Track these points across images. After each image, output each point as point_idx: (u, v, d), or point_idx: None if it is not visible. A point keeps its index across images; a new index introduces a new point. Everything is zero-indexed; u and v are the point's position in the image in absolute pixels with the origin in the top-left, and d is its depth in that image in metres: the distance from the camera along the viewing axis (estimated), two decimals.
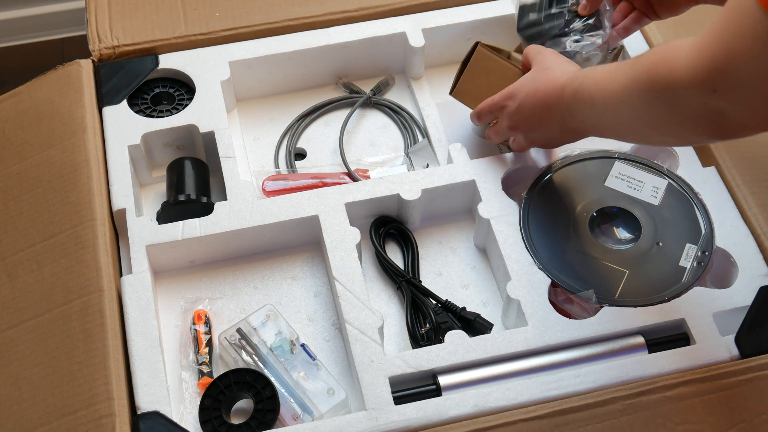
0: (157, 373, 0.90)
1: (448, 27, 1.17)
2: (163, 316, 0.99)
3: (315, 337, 0.98)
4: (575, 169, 1.03)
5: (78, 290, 0.93)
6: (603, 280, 0.95)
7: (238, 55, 1.14)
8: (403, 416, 0.86)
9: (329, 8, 1.18)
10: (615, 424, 0.84)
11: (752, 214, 0.99)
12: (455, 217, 1.07)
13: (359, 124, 1.17)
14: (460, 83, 1.06)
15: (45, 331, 0.91)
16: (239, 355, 0.94)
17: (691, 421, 0.85)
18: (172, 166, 1.07)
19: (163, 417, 0.87)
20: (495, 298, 1.01)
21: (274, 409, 0.88)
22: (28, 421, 0.86)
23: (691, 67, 0.72)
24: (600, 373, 0.88)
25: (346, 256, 0.97)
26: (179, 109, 1.10)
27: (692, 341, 0.91)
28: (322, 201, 1.01)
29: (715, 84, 0.71)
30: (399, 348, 0.97)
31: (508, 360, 0.90)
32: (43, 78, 1.11)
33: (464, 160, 1.05)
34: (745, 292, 0.94)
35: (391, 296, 1.01)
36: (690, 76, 0.72)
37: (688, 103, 0.74)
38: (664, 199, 1.00)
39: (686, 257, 0.96)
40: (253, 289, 1.02)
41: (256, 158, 1.14)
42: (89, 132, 1.05)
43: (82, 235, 0.96)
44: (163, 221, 1.01)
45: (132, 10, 1.18)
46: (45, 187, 1.01)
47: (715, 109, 0.72)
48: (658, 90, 0.76)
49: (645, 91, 0.78)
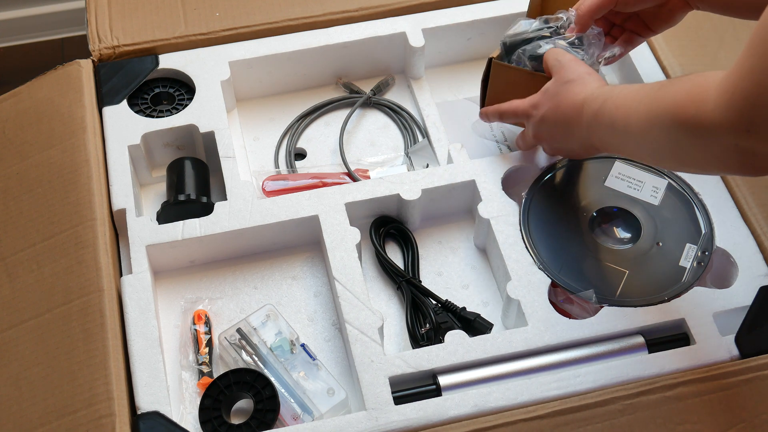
0: (157, 373, 0.90)
1: (448, 27, 1.17)
2: (163, 316, 0.99)
3: (315, 337, 0.98)
4: (575, 169, 1.03)
5: (78, 290, 0.93)
6: (603, 280, 0.95)
7: (238, 55, 1.14)
8: (403, 416, 0.86)
9: (329, 8, 1.18)
10: (615, 424, 0.84)
11: (752, 214, 0.99)
12: (455, 217, 1.07)
13: (359, 124, 1.17)
14: (487, 101, 1.05)
15: (45, 331, 0.91)
16: (239, 355, 0.94)
17: (691, 421, 0.85)
18: (172, 166, 1.07)
19: (163, 417, 0.87)
20: (495, 298, 1.01)
21: (274, 409, 0.88)
22: (28, 421, 0.86)
23: (723, 109, 0.68)
24: (600, 373, 0.88)
25: (346, 256, 0.97)
26: (179, 109, 1.10)
27: (692, 341, 0.91)
28: (322, 201, 1.01)
29: (749, 126, 0.67)
30: (399, 348, 0.97)
31: (508, 360, 0.90)
32: (43, 78, 1.11)
33: (464, 160, 1.05)
34: (745, 292, 0.94)
35: (391, 296, 1.01)
36: (721, 118, 0.69)
37: (719, 144, 0.71)
38: (664, 199, 1.00)
39: (686, 257, 0.96)
40: (253, 289, 1.02)
41: (256, 158, 1.14)
42: (89, 132, 1.05)
43: (82, 235, 0.96)
44: (163, 221, 1.01)
45: (132, 10, 1.18)
46: (45, 187, 1.01)
47: (747, 149, 0.70)
48: (686, 129, 0.73)
49: (671, 128, 0.75)
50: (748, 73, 0.66)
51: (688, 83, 0.74)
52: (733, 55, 1.11)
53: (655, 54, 1.13)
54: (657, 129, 0.77)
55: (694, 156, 0.76)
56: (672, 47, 1.13)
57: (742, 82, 0.67)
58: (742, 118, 0.67)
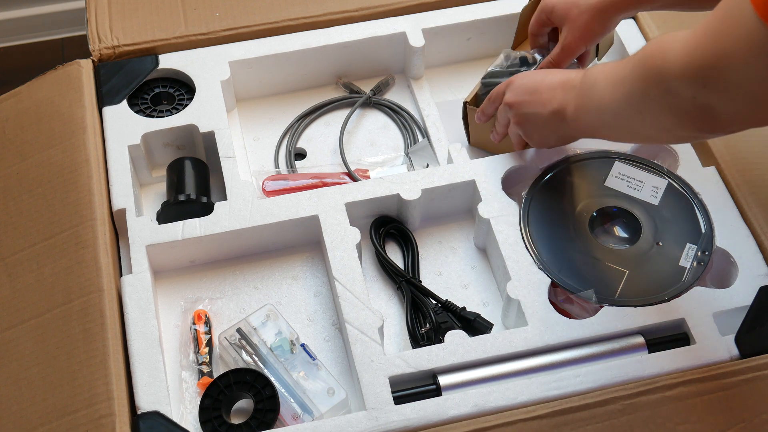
0: (157, 373, 0.90)
1: (448, 27, 1.17)
2: (163, 316, 0.99)
3: (315, 337, 0.98)
4: (575, 169, 1.03)
5: (78, 290, 0.93)
6: (603, 280, 0.95)
7: (238, 55, 1.14)
8: (403, 416, 0.86)
9: (329, 8, 1.18)
10: (615, 424, 0.84)
11: (752, 214, 0.99)
12: (455, 217, 1.07)
13: (359, 124, 1.17)
14: (471, 139, 1.12)
15: (45, 331, 0.91)
16: (239, 355, 0.94)
17: (691, 421, 0.85)
18: (172, 166, 1.07)
19: (163, 417, 0.87)
20: (495, 298, 1.01)
21: (274, 409, 0.88)
22: (28, 421, 0.86)
23: (684, 61, 0.73)
24: (600, 373, 0.88)
25: (346, 256, 0.97)
26: (179, 109, 1.10)
27: (692, 341, 0.91)
28: (322, 201, 1.01)
29: (706, 81, 0.72)
30: (399, 348, 0.97)
31: (508, 360, 0.90)
32: (43, 78, 1.11)
33: (464, 160, 1.05)
34: (745, 292, 0.94)
35: (391, 296, 1.01)
36: (682, 69, 0.73)
37: (679, 94, 0.75)
38: (664, 199, 1.00)
39: (686, 257, 0.96)
40: (253, 289, 1.02)
41: (256, 158, 1.14)
42: (89, 132, 1.05)
43: (82, 235, 0.96)
44: (163, 221, 1.01)
45: (132, 10, 1.18)
46: (45, 187, 1.01)
47: (704, 104, 0.74)
48: (651, 78, 0.78)
49: (639, 79, 0.80)
50: (711, 32, 0.71)
51: (660, 37, 0.79)
52: None
53: None
54: (630, 82, 0.81)
55: (659, 111, 0.79)
56: None
57: (705, 39, 0.71)
58: (700, 71, 0.72)
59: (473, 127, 1.10)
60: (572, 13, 1.00)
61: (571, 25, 1.01)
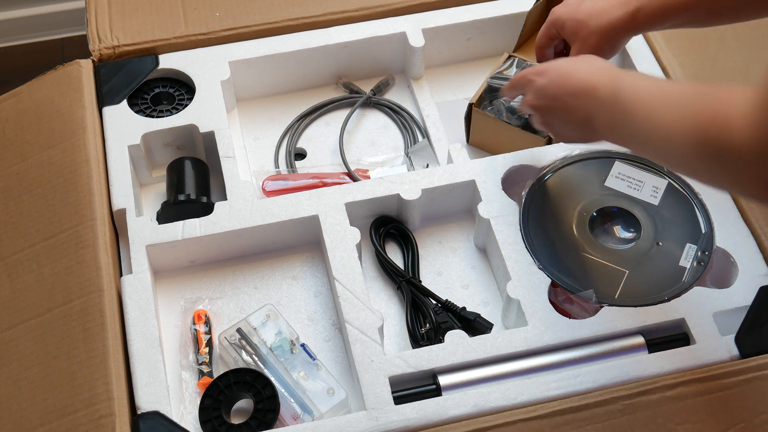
0: (157, 373, 0.90)
1: (448, 27, 1.17)
2: (163, 316, 0.99)
3: (315, 337, 0.98)
4: (575, 169, 1.03)
5: (78, 290, 0.93)
6: (603, 280, 0.95)
7: (238, 55, 1.14)
8: (403, 416, 0.86)
9: (329, 8, 1.18)
10: (615, 424, 0.84)
11: (752, 214, 0.99)
12: (455, 217, 1.07)
13: (359, 124, 1.17)
14: (471, 138, 1.12)
15: (45, 331, 0.91)
16: (239, 355, 0.94)
17: (691, 421, 0.85)
18: (172, 166, 1.07)
19: (163, 417, 0.87)
20: (495, 298, 1.01)
21: (274, 409, 0.88)
22: (28, 421, 0.86)
23: (753, 138, 0.64)
24: (600, 373, 0.88)
25: (346, 256, 0.97)
26: (179, 109, 1.10)
27: (692, 341, 0.91)
28: (322, 201, 1.01)
29: None
30: (399, 348, 0.97)
31: (508, 360, 0.90)
32: (43, 78, 1.11)
33: (464, 160, 1.05)
34: (745, 292, 0.94)
35: (391, 296, 1.01)
36: (750, 147, 0.65)
37: (744, 169, 0.67)
38: (664, 199, 1.00)
39: (686, 257, 0.96)
40: (253, 289, 1.02)
41: (256, 158, 1.14)
42: (89, 132, 1.05)
43: (82, 235, 0.96)
44: (163, 221, 1.01)
45: (132, 10, 1.18)
46: (45, 187, 1.01)
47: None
48: (711, 149, 0.69)
49: (696, 145, 0.71)
50: None
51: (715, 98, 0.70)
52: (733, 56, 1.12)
53: (655, 54, 1.13)
54: (683, 143, 0.72)
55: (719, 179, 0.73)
56: (672, 47, 1.13)
57: None
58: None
59: (475, 129, 1.10)
60: (582, 33, 0.97)
61: (580, 45, 0.96)
